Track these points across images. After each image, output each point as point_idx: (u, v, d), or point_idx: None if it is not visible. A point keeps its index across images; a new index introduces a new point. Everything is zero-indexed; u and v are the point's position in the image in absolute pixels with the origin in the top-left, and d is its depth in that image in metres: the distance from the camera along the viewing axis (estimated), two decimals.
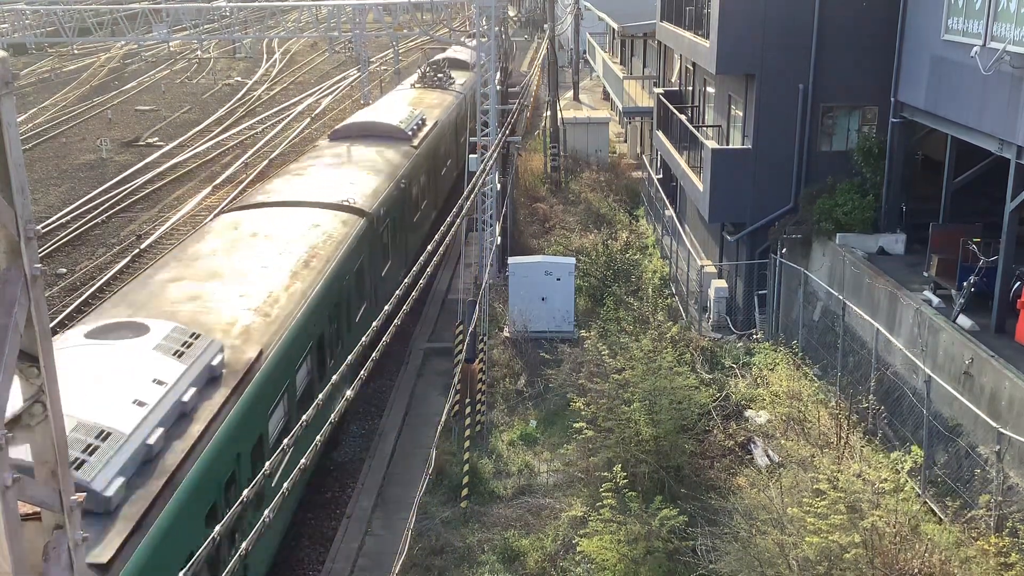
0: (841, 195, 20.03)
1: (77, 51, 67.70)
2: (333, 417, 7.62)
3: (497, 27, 25.86)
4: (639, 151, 40.38)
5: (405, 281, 9.62)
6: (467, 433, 16.67)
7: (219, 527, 5.87)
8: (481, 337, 18.82)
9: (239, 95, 55.59)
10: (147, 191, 35.29)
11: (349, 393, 7.83)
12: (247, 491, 6.27)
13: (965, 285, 15.76)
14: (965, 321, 15.46)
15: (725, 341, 21.17)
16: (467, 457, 16.27)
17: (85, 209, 32.73)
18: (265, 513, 6.31)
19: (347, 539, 15.32)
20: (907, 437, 15.06)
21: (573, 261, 22.84)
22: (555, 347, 20.01)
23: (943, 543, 11.94)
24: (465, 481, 15.99)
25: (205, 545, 5.69)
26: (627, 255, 26.11)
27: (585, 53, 59.59)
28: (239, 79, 61.44)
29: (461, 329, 18.59)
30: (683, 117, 26.23)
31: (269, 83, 59.92)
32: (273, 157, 39.31)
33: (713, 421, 17.00)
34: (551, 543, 14.48)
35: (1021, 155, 14.40)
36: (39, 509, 4.52)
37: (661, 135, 29.12)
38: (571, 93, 52.36)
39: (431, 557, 14.47)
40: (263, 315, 13.17)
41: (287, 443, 6.69)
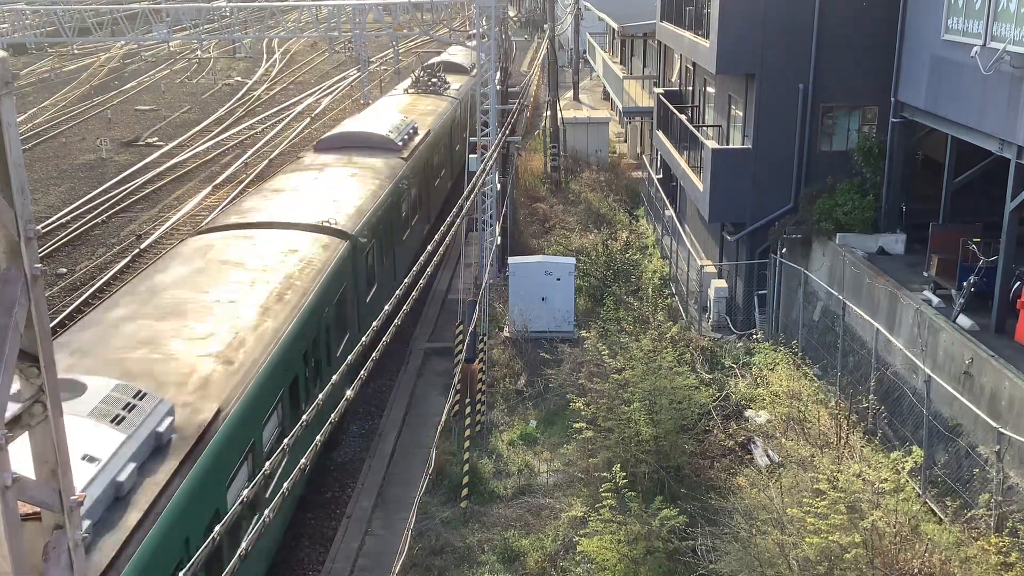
0: (841, 195, 20.04)
1: (77, 51, 67.70)
2: (333, 417, 7.61)
3: (497, 27, 25.85)
4: (639, 151, 40.38)
5: (405, 281, 9.61)
6: (467, 433, 16.67)
7: (219, 527, 5.86)
8: (481, 337, 18.81)
9: (239, 95, 55.58)
10: (147, 191, 35.29)
11: (349, 393, 7.83)
12: (246, 491, 6.27)
13: (965, 285, 15.76)
14: (965, 321, 15.46)
15: (725, 341, 21.18)
16: (467, 457, 16.27)
17: (85, 209, 32.73)
18: (265, 513, 6.31)
19: (347, 539, 15.33)
20: (907, 437, 15.06)
21: (573, 261, 22.84)
22: (555, 347, 20.02)
23: (943, 543, 11.94)
24: (465, 481, 15.99)
25: (203, 546, 5.68)
26: (627, 255, 26.11)
27: (585, 53, 59.58)
28: (239, 79, 61.44)
29: (461, 329, 18.59)
30: (683, 117, 26.22)
31: (269, 83, 59.92)
32: (273, 157, 39.32)
33: (713, 421, 17.00)
34: (551, 543, 14.48)
35: (1021, 155, 14.40)
36: (39, 509, 4.52)
37: (661, 135, 29.12)
38: (571, 93, 52.36)
39: (431, 557, 14.47)
40: (225, 362, 11.79)
41: (287, 443, 6.69)
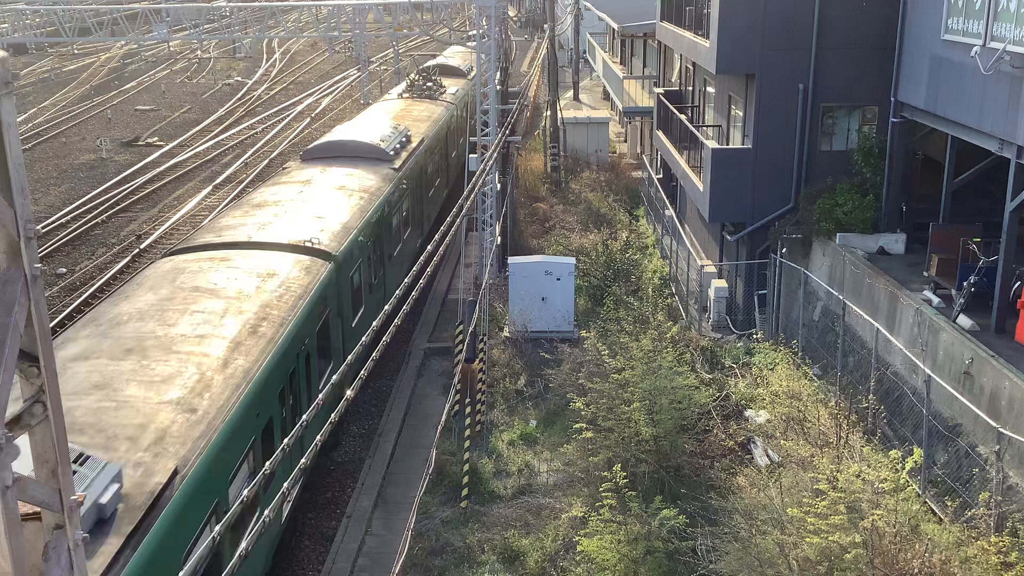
0: (841, 195, 20.04)
1: (77, 51, 67.68)
2: (333, 417, 7.62)
3: (497, 27, 25.84)
4: (639, 151, 40.39)
5: (405, 281, 9.61)
6: (467, 433, 16.67)
7: (219, 526, 5.86)
8: (481, 337, 18.81)
9: (239, 95, 55.58)
10: (147, 191, 35.29)
11: (349, 393, 7.83)
12: (246, 491, 6.27)
13: (965, 285, 15.77)
14: (965, 321, 15.46)
15: (725, 341, 21.18)
16: (467, 457, 16.28)
17: (85, 209, 32.74)
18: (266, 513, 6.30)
19: (347, 539, 15.34)
20: (907, 437, 15.06)
21: (573, 261, 22.84)
22: (555, 347, 20.03)
23: (943, 543, 11.94)
24: (465, 481, 15.99)
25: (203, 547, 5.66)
26: (627, 255, 26.11)
27: (585, 53, 59.59)
28: (239, 79, 61.44)
29: (461, 329, 18.59)
30: (683, 117, 26.23)
31: (269, 83, 59.92)
32: (273, 157, 39.31)
33: (713, 421, 17.00)
34: (551, 543, 14.48)
35: (1021, 155, 14.40)
36: (39, 509, 4.52)
37: (661, 135, 29.13)
38: (571, 93, 52.36)
39: (431, 557, 14.48)
40: (188, 410, 10.46)
41: (288, 442, 6.69)
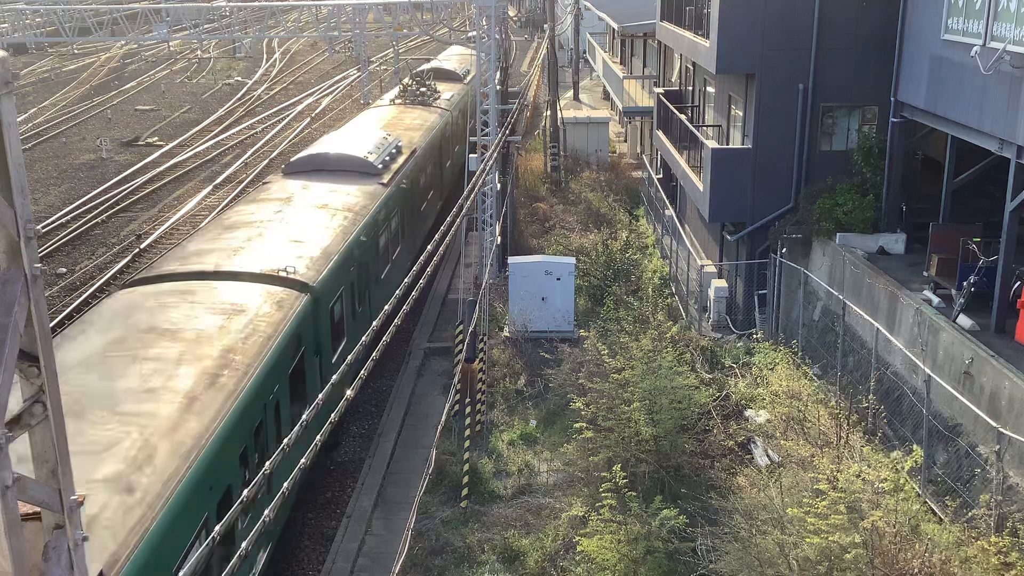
0: (841, 195, 20.04)
1: (77, 51, 67.68)
2: (333, 417, 7.62)
3: (497, 27, 25.84)
4: (639, 151, 40.39)
5: (405, 281, 9.61)
6: (467, 433, 16.67)
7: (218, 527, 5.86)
8: (481, 337, 18.81)
9: (239, 95, 55.59)
10: (147, 191, 35.29)
11: (349, 393, 7.83)
12: (246, 491, 6.27)
13: (965, 285, 15.76)
14: (965, 321, 15.46)
15: (725, 341, 21.18)
16: (467, 457, 16.28)
17: (85, 209, 32.74)
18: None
19: (347, 539, 15.34)
20: (907, 437, 15.06)
21: (573, 261, 22.85)
22: (555, 347, 20.03)
23: (943, 543, 11.94)
24: (465, 481, 16.00)
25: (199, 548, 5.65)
26: (627, 255, 26.11)
27: (585, 53, 59.59)
28: (239, 79, 61.45)
29: (461, 329, 18.59)
30: (683, 117, 26.23)
31: (269, 83, 59.93)
32: (273, 156, 39.31)
33: (713, 421, 17.01)
34: (551, 543, 14.49)
35: (1021, 155, 14.40)
36: (39, 509, 4.52)
37: (661, 135, 29.12)
38: (571, 93, 52.36)
39: (431, 557, 14.48)
40: (124, 490, 8.91)
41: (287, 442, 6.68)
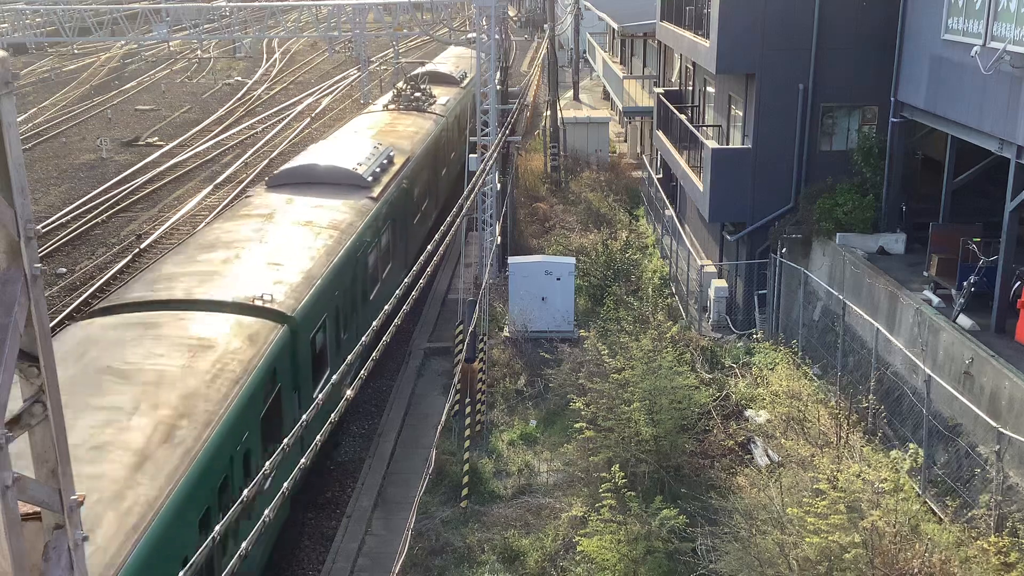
0: (841, 195, 20.04)
1: (77, 51, 67.67)
2: (333, 417, 7.62)
3: (497, 27, 25.84)
4: (639, 151, 40.39)
5: (405, 281, 9.61)
6: (467, 433, 16.67)
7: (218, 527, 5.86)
8: (481, 337, 18.81)
9: (239, 95, 55.58)
10: (147, 191, 35.28)
11: (349, 393, 7.83)
12: (246, 491, 6.26)
13: (965, 285, 15.76)
14: (965, 321, 15.46)
15: (725, 341, 21.18)
16: (467, 457, 16.28)
17: (85, 209, 32.73)
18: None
19: (347, 539, 15.34)
20: (907, 437, 15.06)
21: (573, 261, 22.84)
22: (555, 347, 20.03)
23: (943, 543, 11.94)
24: (465, 481, 15.99)
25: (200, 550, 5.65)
26: (627, 255, 26.11)
27: (585, 53, 59.58)
28: (239, 79, 61.44)
29: (461, 329, 18.59)
30: (683, 117, 26.23)
31: (269, 83, 59.92)
32: (273, 156, 39.31)
33: (713, 421, 17.00)
34: (551, 543, 14.48)
35: (1021, 155, 14.40)
36: (39, 509, 4.52)
37: (661, 135, 29.12)
38: (571, 93, 52.35)
39: (431, 557, 14.47)
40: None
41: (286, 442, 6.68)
